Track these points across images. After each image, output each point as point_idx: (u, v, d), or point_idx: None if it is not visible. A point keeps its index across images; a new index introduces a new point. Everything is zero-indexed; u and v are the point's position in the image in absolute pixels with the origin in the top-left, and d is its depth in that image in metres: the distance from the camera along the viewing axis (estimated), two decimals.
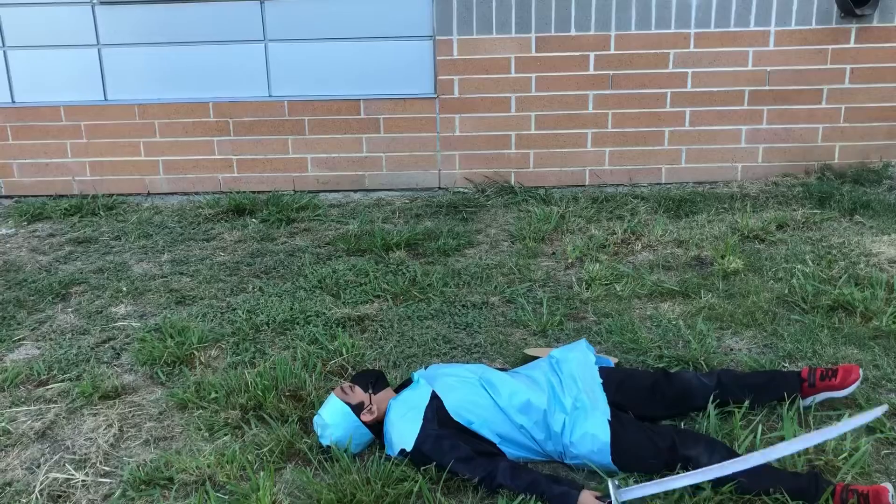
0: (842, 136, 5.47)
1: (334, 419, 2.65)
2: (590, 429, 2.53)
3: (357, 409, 2.66)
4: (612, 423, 2.56)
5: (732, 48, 5.28)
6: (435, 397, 2.66)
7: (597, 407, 2.62)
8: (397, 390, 2.82)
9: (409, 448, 2.56)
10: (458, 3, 5.24)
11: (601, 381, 2.78)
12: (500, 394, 2.65)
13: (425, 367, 2.98)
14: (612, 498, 2.32)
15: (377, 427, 2.71)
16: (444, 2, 5.24)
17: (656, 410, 2.75)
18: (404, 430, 2.60)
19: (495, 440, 2.58)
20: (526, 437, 2.60)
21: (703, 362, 3.14)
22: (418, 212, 5.16)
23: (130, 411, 3.02)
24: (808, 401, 2.82)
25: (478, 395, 2.67)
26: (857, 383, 2.80)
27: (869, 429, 2.73)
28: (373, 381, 2.78)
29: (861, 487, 2.35)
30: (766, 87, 5.36)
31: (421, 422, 2.59)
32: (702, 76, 5.33)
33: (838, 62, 5.31)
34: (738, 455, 2.50)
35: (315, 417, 2.71)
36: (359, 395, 2.70)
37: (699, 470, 2.36)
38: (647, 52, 5.29)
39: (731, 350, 3.30)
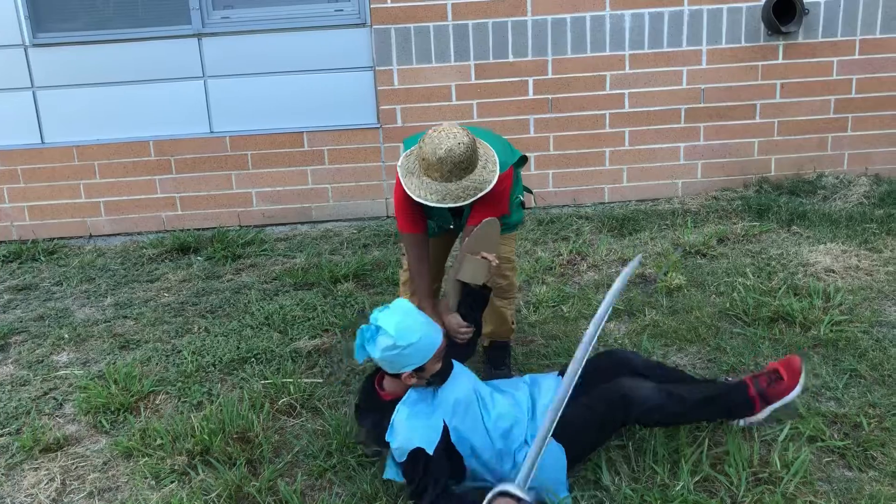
0: (777, 149, 5.62)
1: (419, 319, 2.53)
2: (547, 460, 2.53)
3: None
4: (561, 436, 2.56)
5: (667, 68, 5.41)
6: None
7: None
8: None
9: (424, 448, 2.46)
10: (397, 34, 5.28)
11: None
12: (489, 413, 2.62)
13: None
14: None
15: (390, 405, 2.59)
16: (383, 33, 5.28)
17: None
18: (425, 433, 2.50)
19: (466, 452, 2.55)
20: (495, 459, 2.58)
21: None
22: (366, 241, 5.15)
23: (73, 463, 2.95)
24: (764, 414, 2.84)
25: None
26: (804, 373, 2.83)
27: (810, 438, 2.79)
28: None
29: (771, 365, 2.78)
30: (702, 105, 5.49)
31: (440, 434, 2.52)
32: (638, 96, 5.45)
33: (769, 78, 5.47)
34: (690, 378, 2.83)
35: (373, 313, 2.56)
36: None
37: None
38: (585, 75, 5.39)
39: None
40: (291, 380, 3.34)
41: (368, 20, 5.28)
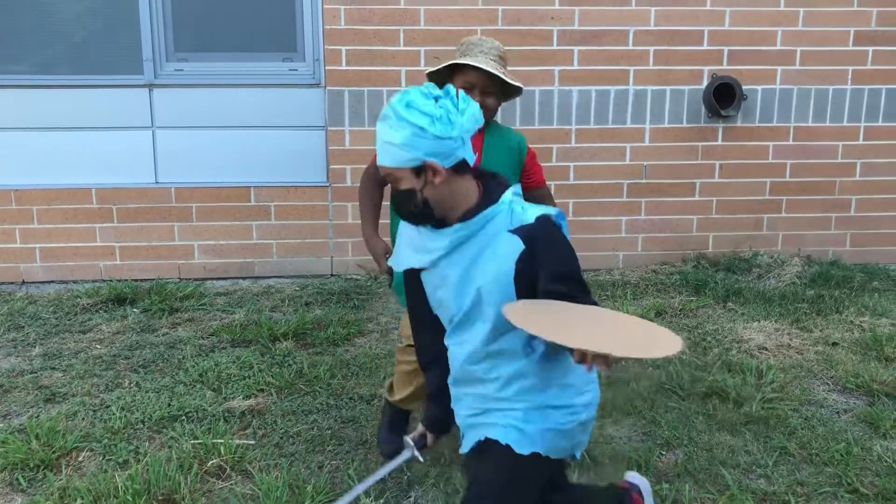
0: (714, 227, 5.80)
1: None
2: None
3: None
4: None
5: (611, 143, 5.57)
6: None
7: None
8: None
9: None
10: (350, 97, 5.35)
11: None
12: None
13: None
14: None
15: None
16: (336, 94, 5.34)
17: None
18: None
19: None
20: None
21: (585, 452, 3.19)
22: (308, 299, 5.11)
23: None
24: None
25: None
26: None
27: None
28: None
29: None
30: (644, 181, 5.65)
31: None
32: (583, 169, 5.58)
33: (708, 158, 5.68)
34: None
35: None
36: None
37: None
38: (531, 147, 5.49)
39: (613, 439, 3.37)
40: (222, 440, 3.25)
41: (323, 81, 5.34)
